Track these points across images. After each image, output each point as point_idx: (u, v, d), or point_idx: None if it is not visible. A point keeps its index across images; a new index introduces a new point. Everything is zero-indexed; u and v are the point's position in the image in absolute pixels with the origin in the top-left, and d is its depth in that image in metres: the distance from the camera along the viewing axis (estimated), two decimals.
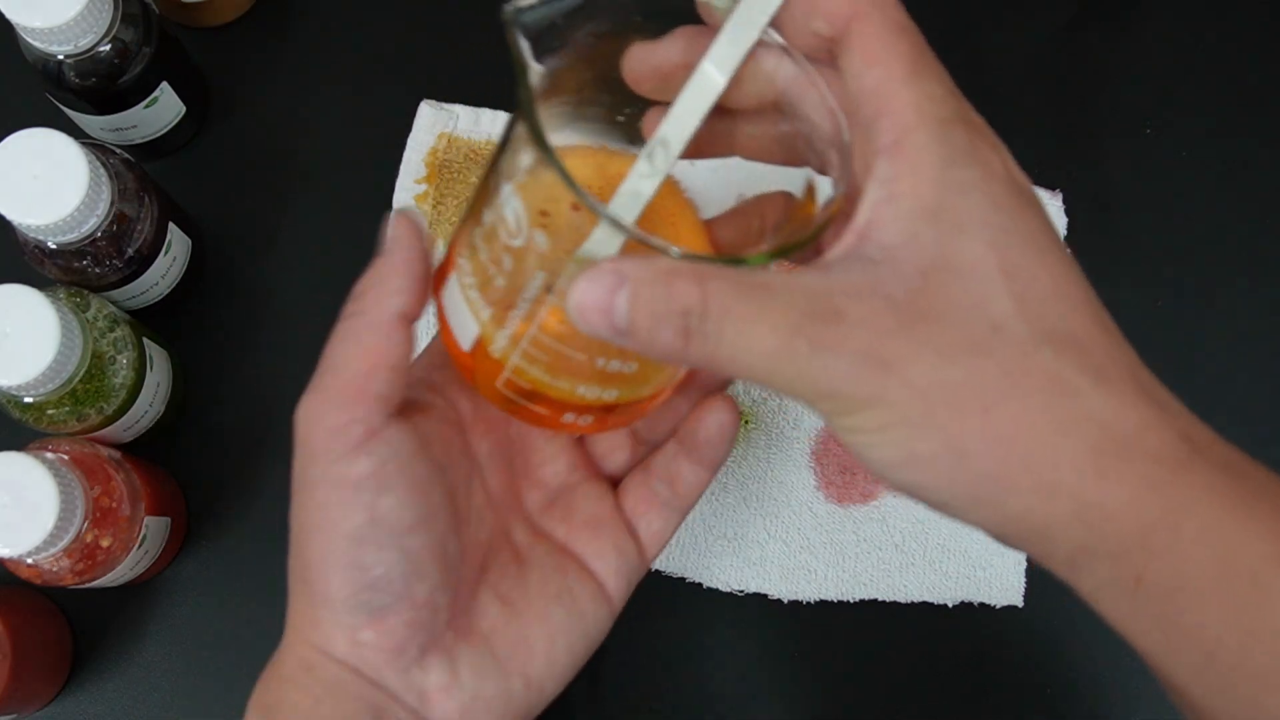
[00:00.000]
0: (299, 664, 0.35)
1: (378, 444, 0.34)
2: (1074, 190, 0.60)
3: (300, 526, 0.35)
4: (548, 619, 0.37)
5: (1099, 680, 0.57)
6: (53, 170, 0.46)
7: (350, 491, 0.34)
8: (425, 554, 0.35)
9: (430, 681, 0.35)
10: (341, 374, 0.34)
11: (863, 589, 0.57)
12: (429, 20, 0.62)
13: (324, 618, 0.35)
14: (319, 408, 0.34)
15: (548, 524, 0.39)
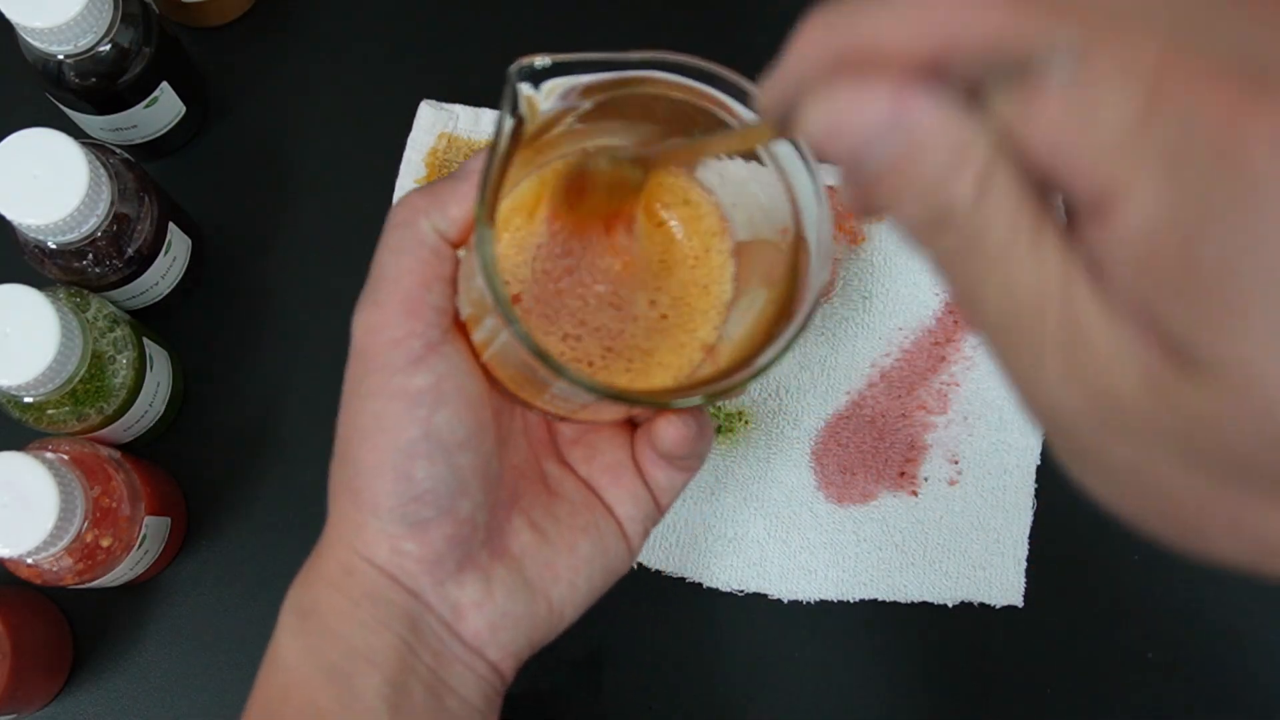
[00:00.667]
0: (339, 567, 0.36)
1: (436, 359, 0.35)
2: None
3: (352, 433, 0.36)
4: (575, 549, 0.39)
5: (1099, 680, 0.57)
6: (53, 170, 0.46)
7: (408, 404, 0.34)
8: (471, 471, 0.36)
9: (465, 596, 0.37)
10: (399, 285, 0.35)
11: (863, 589, 0.57)
12: (429, 20, 0.62)
13: (369, 524, 0.36)
14: (379, 318, 0.35)
15: (573, 458, 0.40)
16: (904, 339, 0.58)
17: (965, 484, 0.57)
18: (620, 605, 0.56)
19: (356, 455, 0.36)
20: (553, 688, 0.56)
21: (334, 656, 0.36)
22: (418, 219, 0.35)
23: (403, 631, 0.36)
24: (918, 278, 0.58)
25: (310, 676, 0.36)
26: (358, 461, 0.36)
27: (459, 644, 0.37)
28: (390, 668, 0.36)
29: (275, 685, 0.36)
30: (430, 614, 0.36)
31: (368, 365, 0.35)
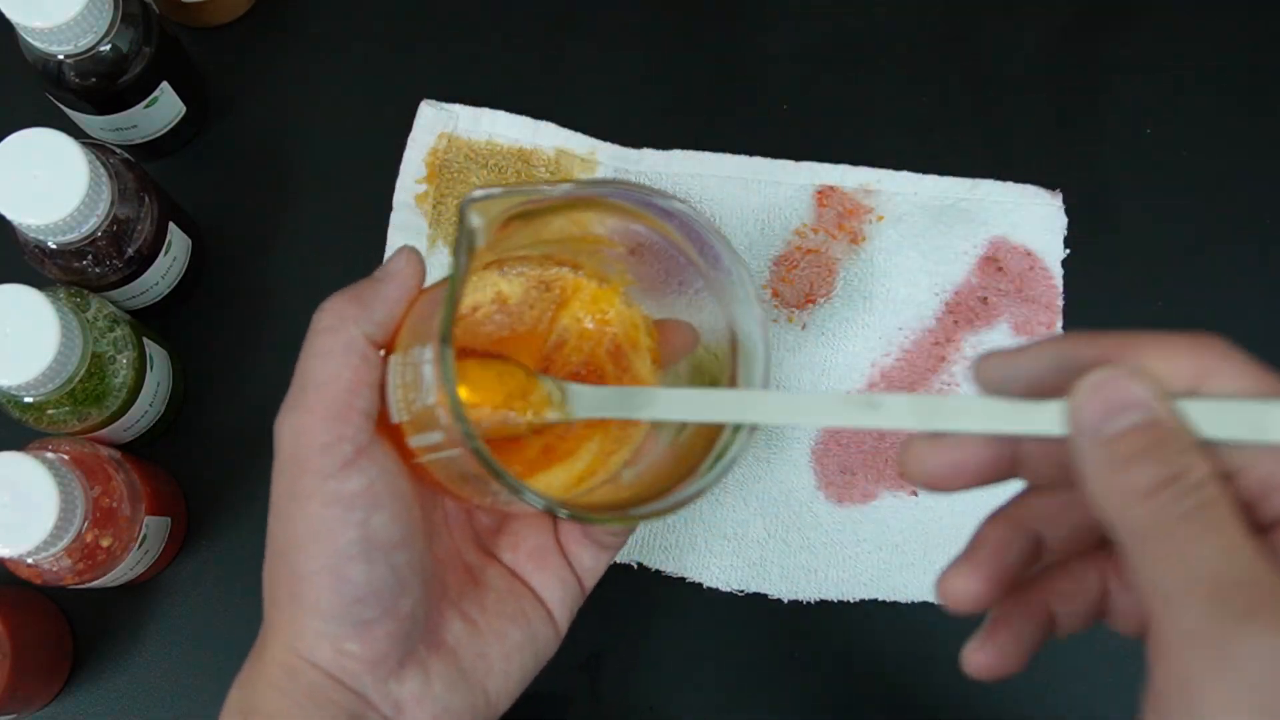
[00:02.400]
0: (281, 669, 0.36)
1: (367, 462, 0.35)
2: (1074, 190, 0.60)
3: (288, 538, 0.36)
4: (505, 638, 0.39)
5: (1099, 680, 0.57)
6: (53, 170, 0.46)
7: (343, 508, 0.35)
8: (409, 569, 0.36)
9: (405, 692, 0.37)
10: (326, 390, 0.35)
11: (863, 589, 0.57)
12: (429, 20, 0.62)
13: (311, 627, 0.36)
14: (306, 423, 0.36)
15: (498, 549, 0.41)
16: (904, 339, 0.58)
17: None
18: (620, 605, 0.56)
19: (294, 560, 0.36)
20: (552, 688, 0.56)
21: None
22: (345, 325, 0.36)
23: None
24: (918, 278, 0.58)
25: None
26: (296, 566, 0.36)
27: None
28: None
29: None
30: (373, 712, 0.37)
31: (299, 470, 0.36)
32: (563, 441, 0.39)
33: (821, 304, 0.58)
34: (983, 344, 0.58)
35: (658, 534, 0.56)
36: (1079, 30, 0.63)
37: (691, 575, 0.56)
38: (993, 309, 0.59)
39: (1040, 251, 0.59)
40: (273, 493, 0.37)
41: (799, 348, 0.58)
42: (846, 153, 0.60)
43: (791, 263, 0.59)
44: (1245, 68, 0.63)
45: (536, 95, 0.61)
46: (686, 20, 0.63)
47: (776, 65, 0.62)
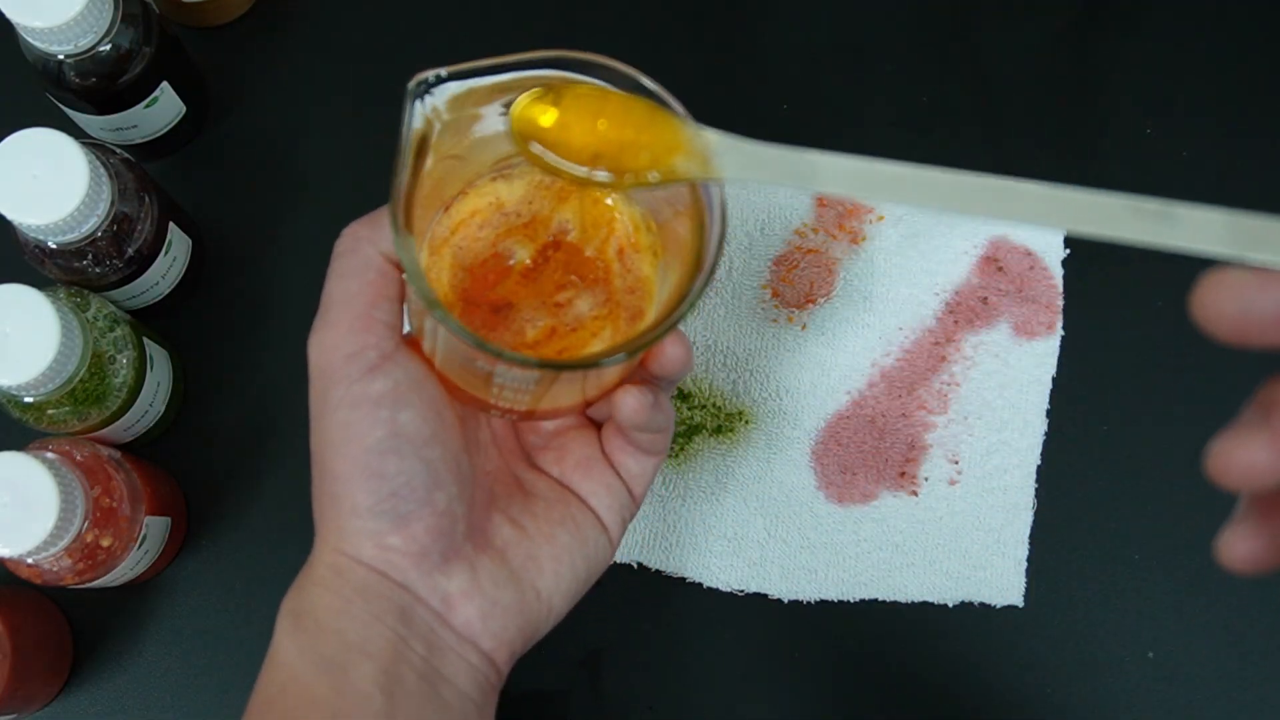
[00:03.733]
0: (329, 569, 0.37)
1: (391, 366, 0.37)
2: None
3: (323, 444, 0.38)
4: (554, 540, 0.40)
5: (1099, 680, 0.57)
6: (53, 170, 0.46)
7: (371, 407, 0.37)
8: (442, 465, 0.38)
9: (453, 586, 0.38)
10: (350, 306, 0.37)
11: (863, 589, 0.57)
12: (429, 20, 0.62)
13: (352, 526, 0.37)
14: (333, 338, 0.37)
15: (544, 463, 0.43)
16: (904, 339, 0.58)
17: (965, 484, 0.57)
18: (620, 605, 0.56)
19: (331, 465, 0.37)
20: (553, 688, 0.56)
21: (328, 650, 0.37)
22: (361, 245, 0.38)
23: (395, 624, 0.37)
24: (918, 278, 0.58)
25: (306, 670, 0.37)
26: (332, 470, 0.37)
27: (451, 634, 0.38)
28: (384, 657, 0.37)
29: (273, 682, 0.37)
30: (421, 605, 0.38)
31: (328, 380, 0.37)
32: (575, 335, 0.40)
33: (822, 304, 0.58)
34: (983, 344, 0.58)
35: (658, 534, 0.56)
36: (1079, 30, 0.63)
37: (691, 575, 0.56)
38: (993, 309, 0.59)
39: (1040, 252, 0.59)
40: (311, 409, 0.38)
41: (799, 348, 0.58)
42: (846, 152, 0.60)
43: (792, 263, 0.59)
44: (1245, 68, 0.63)
45: None
46: (686, 20, 0.63)
47: (776, 65, 0.62)
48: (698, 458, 0.57)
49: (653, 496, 0.56)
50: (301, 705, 0.36)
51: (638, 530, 0.56)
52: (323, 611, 0.37)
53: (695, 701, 0.56)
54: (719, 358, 0.58)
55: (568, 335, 0.41)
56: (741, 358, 0.58)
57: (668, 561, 0.56)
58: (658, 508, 0.57)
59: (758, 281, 0.58)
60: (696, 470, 0.57)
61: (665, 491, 0.57)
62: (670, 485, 0.57)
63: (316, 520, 0.39)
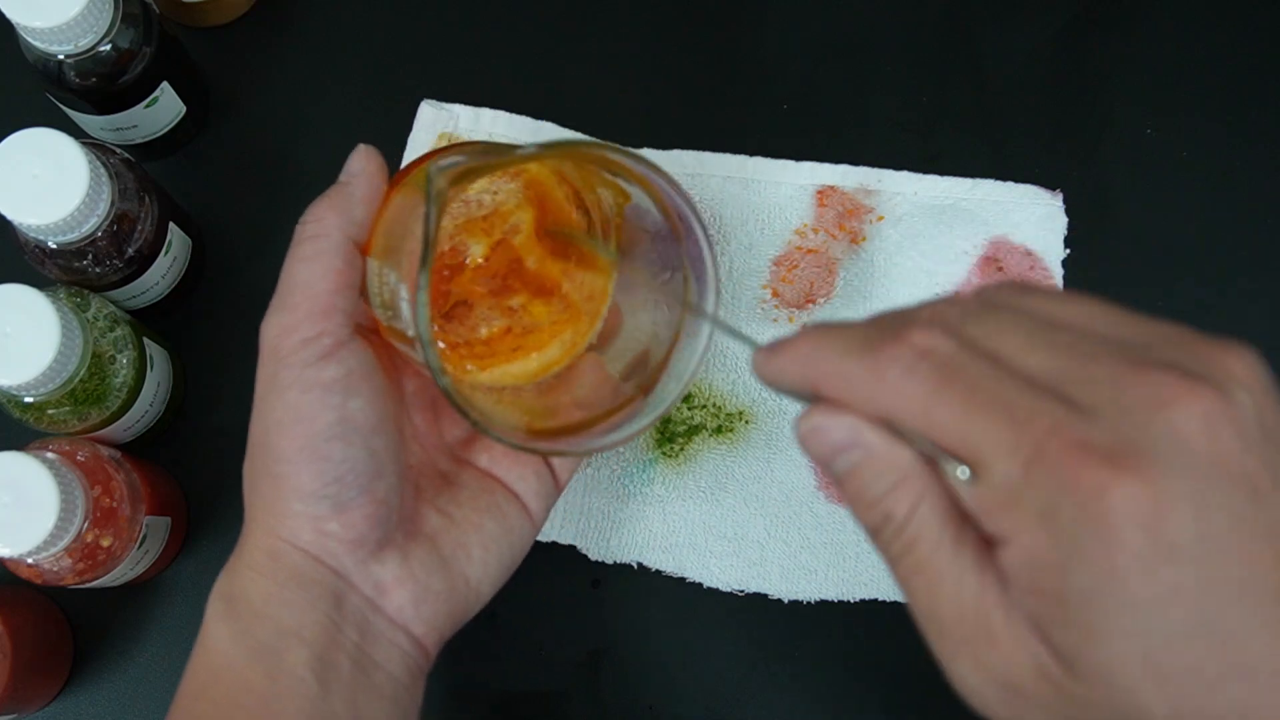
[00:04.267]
0: (264, 552, 0.38)
1: (345, 353, 0.38)
2: (1074, 190, 0.60)
3: (269, 425, 0.38)
4: (481, 529, 0.41)
5: None
6: (53, 170, 0.46)
7: (322, 392, 0.37)
8: (385, 455, 0.38)
9: (386, 572, 0.39)
10: (308, 291, 0.38)
11: (863, 589, 0.57)
12: (429, 20, 0.62)
13: (292, 508, 0.38)
14: (290, 320, 0.38)
15: (471, 455, 0.44)
16: None
17: None
18: (620, 605, 0.56)
19: (276, 444, 0.38)
20: (553, 688, 0.56)
21: (263, 636, 0.37)
22: (328, 230, 0.39)
23: (329, 610, 0.38)
24: (918, 278, 0.58)
25: (239, 657, 0.37)
26: (277, 450, 0.38)
27: (383, 620, 0.39)
28: (318, 644, 0.37)
29: (205, 669, 0.38)
30: (354, 592, 0.38)
31: (279, 362, 0.38)
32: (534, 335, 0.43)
33: (822, 304, 0.58)
34: None
35: (658, 534, 0.56)
36: (1079, 30, 0.63)
37: (691, 575, 0.56)
38: None
39: (1040, 251, 0.59)
40: (257, 389, 0.38)
41: None
42: (846, 153, 0.60)
43: (791, 263, 0.59)
44: (1245, 68, 0.63)
45: (536, 95, 0.61)
46: (687, 20, 0.63)
47: (776, 65, 0.62)
48: (698, 458, 0.57)
49: (653, 496, 0.57)
50: (235, 692, 0.37)
51: (638, 530, 0.56)
52: (257, 597, 0.38)
53: (695, 701, 0.56)
54: (719, 358, 0.58)
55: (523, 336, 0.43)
56: (742, 358, 0.58)
57: (668, 561, 0.56)
58: (658, 508, 0.57)
59: (758, 281, 0.58)
60: (696, 470, 0.57)
61: (665, 491, 0.57)
62: (670, 485, 0.57)
63: (249, 501, 0.39)
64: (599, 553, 0.56)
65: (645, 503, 0.56)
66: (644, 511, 0.56)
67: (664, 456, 0.57)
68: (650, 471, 0.57)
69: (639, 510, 0.56)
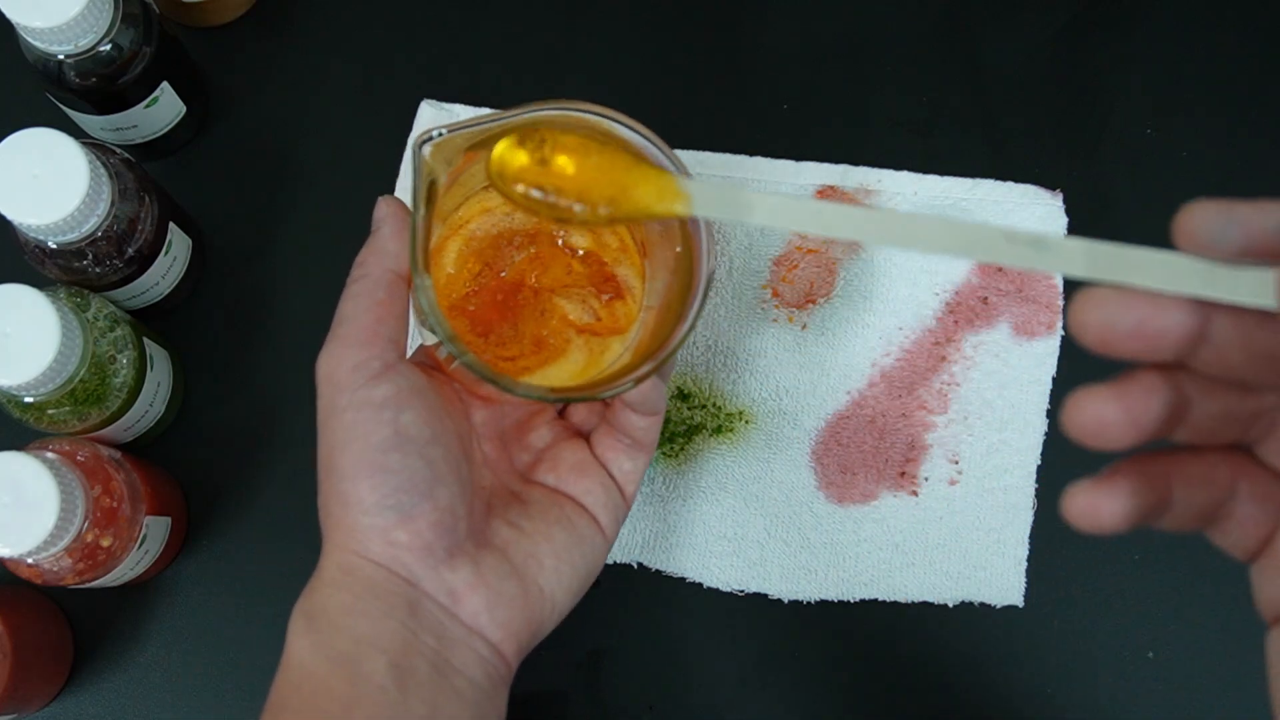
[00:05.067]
0: (338, 569, 0.39)
1: (394, 374, 0.40)
2: (1074, 190, 0.60)
3: (330, 448, 0.40)
4: (552, 539, 0.43)
5: (1099, 680, 0.57)
6: (53, 170, 0.46)
7: (375, 410, 0.39)
8: (443, 464, 0.40)
9: (458, 579, 0.40)
10: (356, 323, 0.40)
11: (863, 589, 0.57)
12: (429, 20, 0.62)
13: (359, 523, 0.39)
14: (340, 352, 0.40)
15: (539, 475, 0.45)
16: (904, 339, 0.58)
17: (965, 484, 0.57)
18: (620, 605, 0.56)
19: (338, 463, 0.40)
20: (553, 688, 0.56)
21: (341, 645, 0.38)
22: (369, 270, 0.41)
23: (404, 618, 0.39)
24: (918, 278, 0.58)
25: (319, 666, 0.38)
26: (339, 468, 0.40)
27: (459, 626, 0.40)
28: (395, 650, 0.38)
29: (288, 681, 0.39)
30: (428, 599, 0.40)
31: (335, 389, 0.40)
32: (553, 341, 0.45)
33: (822, 304, 0.58)
34: (983, 344, 0.58)
35: (658, 534, 0.56)
36: (1079, 30, 0.63)
37: (691, 575, 0.56)
38: (993, 309, 0.59)
39: None
40: (318, 420, 0.41)
41: (799, 348, 0.58)
42: (846, 153, 0.60)
43: (791, 263, 0.59)
44: (1245, 68, 0.63)
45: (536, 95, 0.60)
46: (687, 20, 0.63)
47: (776, 65, 0.62)
48: (698, 458, 0.57)
49: (653, 496, 0.56)
50: (316, 698, 0.38)
51: (638, 530, 0.56)
52: (334, 610, 0.39)
53: (695, 701, 0.56)
54: (719, 358, 0.58)
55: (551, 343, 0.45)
56: (741, 358, 0.58)
57: (668, 561, 0.56)
58: (658, 508, 0.57)
59: (758, 281, 0.58)
60: (696, 470, 0.57)
61: (665, 491, 0.57)
62: (670, 485, 0.57)
63: (324, 523, 0.40)
64: None
65: (645, 503, 0.56)
66: (644, 511, 0.56)
67: (664, 456, 0.57)
68: (650, 471, 0.57)
69: (639, 510, 0.56)
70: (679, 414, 0.57)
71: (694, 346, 0.58)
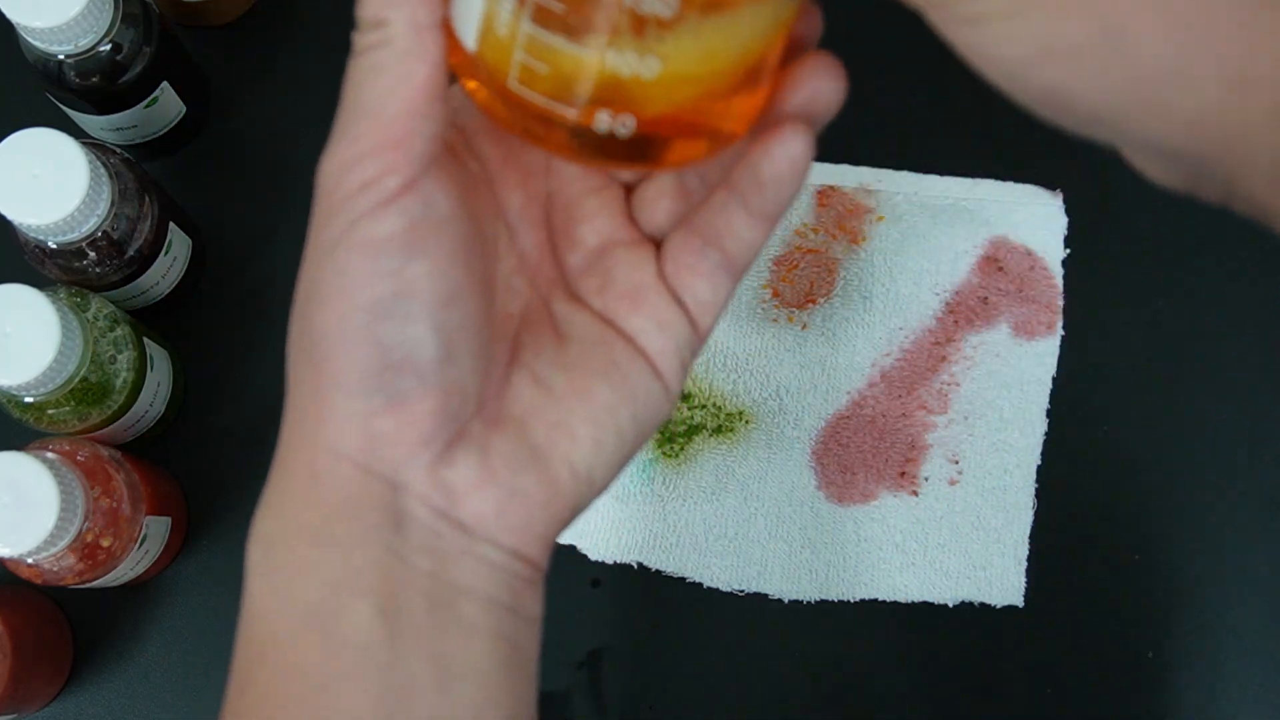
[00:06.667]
0: (305, 472, 0.31)
1: (412, 199, 0.28)
2: (1074, 190, 0.60)
3: (309, 295, 0.30)
4: (592, 398, 0.31)
5: (1099, 680, 0.57)
6: (53, 170, 0.46)
7: (375, 252, 0.28)
8: (459, 331, 0.29)
9: (459, 476, 0.30)
10: (378, 116, 0.29)
11: (863, 589, 0.57)
12: None
13: (334, 404, 0.30)
14: (351, 155, 0.29)
15: (585, 292, 0.33)
16: (904, 339, 0.58)
17: (966, 484, 0.57)
18: (620, 605, 0.56)
19: (316, 322, 0.29)
20: (553, 688, 0.56)
21: (310, 594, 0.29)
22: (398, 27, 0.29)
23: (388, 539, 0.29)
24: (918, 277, 0.58)
25: (286, 624, 0.30)
26: (316, 329, 0.30)
27: (460, 535, 0.30)
28: (380, 589, 0.29)
29: (252, 641, 0.31)
30: (419, 503, 0.30)
31: (330, 211, 0.29)
32: None
33: (822, 304, 0.58)
34: (983, 344, 0.58)
35: (658, 534, 0.56)
36: None
37: (691, 575, 0.56)
38: (993, 309, 0.59)
39: (1040, 251, 0.59)
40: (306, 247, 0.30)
41: (799, 348, 0.58)
42: (846, 153, 0.60)
43: (792, 263, 0.59)
44: None
45: None
46: None
47: None
48: (698, 458, 0.57)
49: (653, 496, 0.57)
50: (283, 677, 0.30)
51: (638, 530, 0.56)
52: (298, 538, 0.30)
53: (695, 701, 0.56)
54: (719, 358, 0.58)
55: None
56: (741, 358, 0.58)
57: (668, 561, 0.56)
58: (658, 508, 0.57)
59: (758, 281, 0.58)
60: (696, 470, 0.57)
61: (665, 491, 0.57)
62: (670, 485, 0.57)
63: (291, 391, 0.31)
64: (599, 553, 0.56)
65: (645, 503, 0.56)
66: (644, 511, 0.56)
67: (664, 456, 0.57)
68: (650, 471, 0.57)
69: (639, 510, 0.56)
70: (679, 414, 0.57)
71: None
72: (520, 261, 0.32)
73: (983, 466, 0.58)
